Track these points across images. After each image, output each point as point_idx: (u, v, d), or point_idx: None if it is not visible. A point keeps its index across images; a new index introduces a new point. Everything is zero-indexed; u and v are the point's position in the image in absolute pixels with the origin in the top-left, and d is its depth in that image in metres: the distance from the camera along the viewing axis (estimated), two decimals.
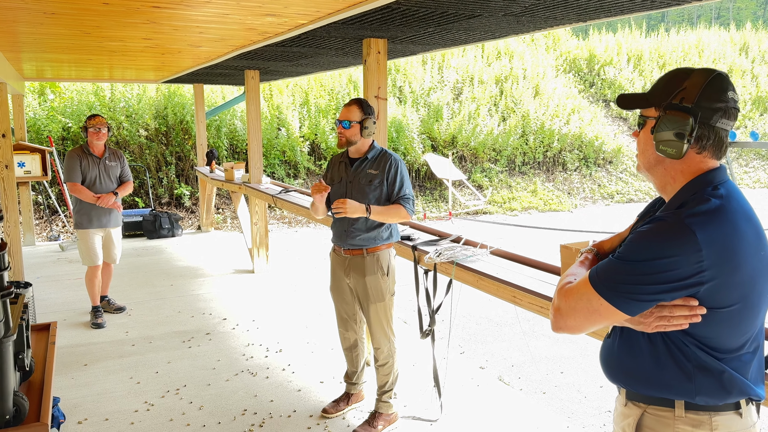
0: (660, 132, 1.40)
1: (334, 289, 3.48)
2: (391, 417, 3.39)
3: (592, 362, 4.62)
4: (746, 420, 1.42)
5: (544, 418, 3.59)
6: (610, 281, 1.35)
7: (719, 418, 1.39)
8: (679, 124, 1.36)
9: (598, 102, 16.90)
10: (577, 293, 1.40)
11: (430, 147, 13.23)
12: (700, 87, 1.37)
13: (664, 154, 1.41)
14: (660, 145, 1.41)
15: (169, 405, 3.69)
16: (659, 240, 1.32)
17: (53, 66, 6.53)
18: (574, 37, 20.03)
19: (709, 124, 1.37)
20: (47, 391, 1.79)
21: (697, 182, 1.41)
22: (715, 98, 1.37)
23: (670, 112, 1.38)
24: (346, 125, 3.19)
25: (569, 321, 1.41)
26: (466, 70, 15.27)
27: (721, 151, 1.42)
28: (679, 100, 1.38)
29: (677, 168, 1.43)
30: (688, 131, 1.36)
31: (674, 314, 1.35)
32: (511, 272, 2.98)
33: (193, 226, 9.98)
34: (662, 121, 1.40)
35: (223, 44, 4.56)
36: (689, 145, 1.38)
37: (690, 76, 1.40)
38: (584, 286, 1.39)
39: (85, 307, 5.48)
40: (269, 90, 12.44)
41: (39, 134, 9.71)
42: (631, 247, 1.36)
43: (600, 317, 1.37)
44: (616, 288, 1.34)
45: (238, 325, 5.14)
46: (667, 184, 1.47)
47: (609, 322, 1.40)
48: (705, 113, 1.36)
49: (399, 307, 5.55)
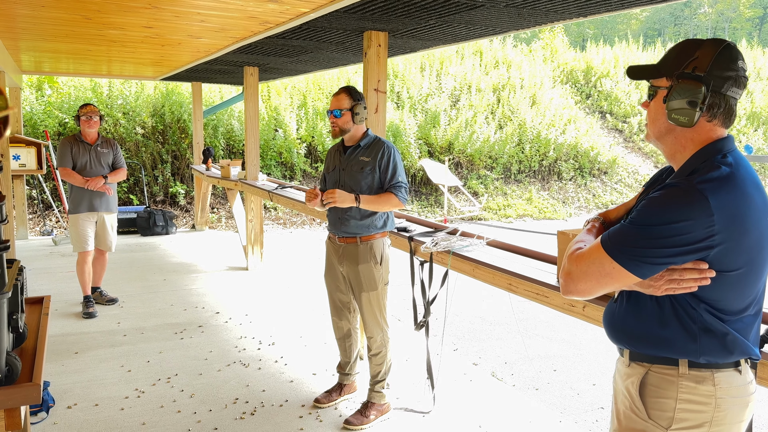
0: (672, 101, 1.44)
1: (329, 277, 3.47)
2: (383, 407, 3.37)
3: (585, 361, 4.61)
4: (744, 376, 1.48)
5: (536, 412, 3.58)
6: (623, 245, 1.38)
7: (720, 374, 1.44)
8: (692, 92, 1.40)
9: (594, 113, 17.00)
10: (589, 258, 1.44)
11: (427, 153, 13.26)
12: (711, 56, 1.41)
13: (675, 122, 1.44)
14: (672, 113, 1.44)
15: (160, 393, 3.66)
16: (672, 205, 1.35)
17: (51, 58, 6.53)
18: (572, 49, 20.18)
19: (720, 93, 1.41)
20: (40, 356, 1.77)
21: (706, 150, 1.44)
22: (726, 67, 1.41)
23: (682, 80, 1.42)
24: (338, 114, 3.20)
25: (580, 285, 1.45)
26: (464, 78, 15.34)
27: (730, 119, 1.46)
28: (691, 69, 1.42)
29: (687, 136, 1.47)
30: (701, 99, 1.40)
31: (684, 277, 1.39)
32: (507, 261, 2.98)
33: (187, 224, 9.95)
34: (675, 89, 1.43)
35: (223, 35, 4.56)
36: (701, 113, 1.41)
37: (701, 46, 1.44)
38: (596, 251, 1.43)
39: (76, 299, 5.44)
40: (267, 91, 12.46)
41: (35, 129, 9.68)
42: (644, 212, 1.39)
43: (612, 280, 1.41)
44: (628, 252, 1.38)
45: (230, 318, 5.11)
46: (676, 152, 1.50)
47: (620, 285, 1.44)
48: (717, 82, 1.40)
49: (392, 305, 5.54)
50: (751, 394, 1.50)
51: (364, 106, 3.23)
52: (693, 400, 1.44)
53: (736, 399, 1.45)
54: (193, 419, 3.32)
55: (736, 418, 1.46)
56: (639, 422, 1.50)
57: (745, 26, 39.79)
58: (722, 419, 1.44)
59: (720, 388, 1.44)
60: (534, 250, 3.08)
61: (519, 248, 3.19)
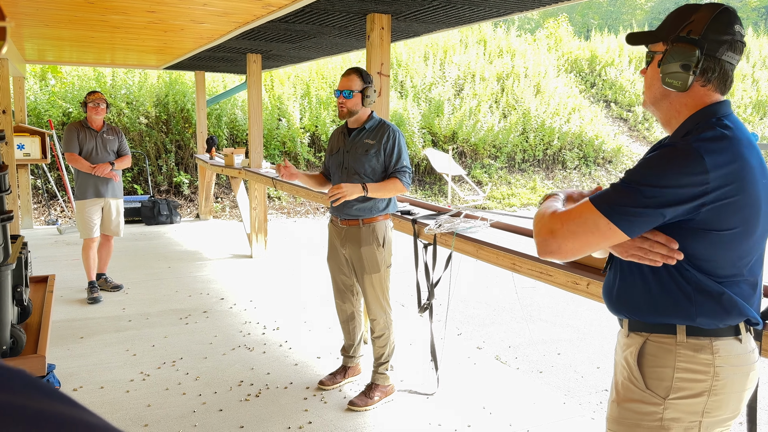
0: (666, 64, 1.43)
1: (331, 260, 3.47)
2: (387, 388, 3.38)
3: (590, 344, 4.61)
4: (745, 345, 1.45)
5: (540, 394, 3.58)
6: (617, 204, 1.36)
7: (719, 342, 1.42)
8: (686, 55, 1.39)
9: (599, 102, 16.91)
10: (578, 217, 1.38)
11: (431, 142, 13.23)
12: (707, 20, 1.40)
13: (670, 86, 1.43)
14: (666, 77, 1.43)
15: (165, 376, 3.68)
16: (668, 162, 1.34)
17: (54, 46, 6.52)
18: (577, 38, 20.06)
19: (715, 57, 1.40)
20: (44, 330, 1.78)
21: (701, 113, 1.43)
22: (722, 31, 1.39)
23: (677, 44, 1.41)
24: (348, 95, 3.16)
25: (567, 244, 1.39)
26: (468, 67, 15.27)
27: (725, 85, 1.44)
28: (686, 32, 1.41)
29: (682, 101, 1.46)
30: (694, 62, 1.39)
31: (653, 249, 1.39)
32: (510, 242, 2.97)
33: (191, 214, 9.96)
34: (669, 53, 1.42)
35: (226, 20, 4.55)
36: (694, 77, 1.40)
37: (698, 10, 1.42)
38: (587, 209, 1.38)
39: (81, 285, 5.46)
40: (270, 80, 12.43)
41: (39, 118, 9.69)
42: (639, 171, 1.37)
43: (601, 240, 1.38)
44: (621, 210, 1.35)
45: (235, 304, 5.13)
46: (671, 118, 1.49)
47: (606, 245, 1.42)
48: (711, 45, 1.39)
49: (396, 290, 5.55)
50: (753, 363, 1.47)
51: (374, 89, 3.21)
52: (691, 369, 1.42)
53: (736, 368, 1.43)
54: (198, 401, 3.34)
55: (736, 387, 1.44)
56: (637, 392, 1.49)
57: (752, 15, 39.52)
58: (721, 388, 1.42)
59: (719, 356, 1.41)
60: None
61: (522, 229, 3.18)
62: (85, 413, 0.30)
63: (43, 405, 0.28)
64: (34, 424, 0.26)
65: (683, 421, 1.44)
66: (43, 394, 0.30)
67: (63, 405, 0.29)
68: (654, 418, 1.46)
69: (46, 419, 0.27)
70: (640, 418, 1.48)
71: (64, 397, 0.30)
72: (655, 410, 1.46)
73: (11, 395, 0.28)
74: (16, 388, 0.29)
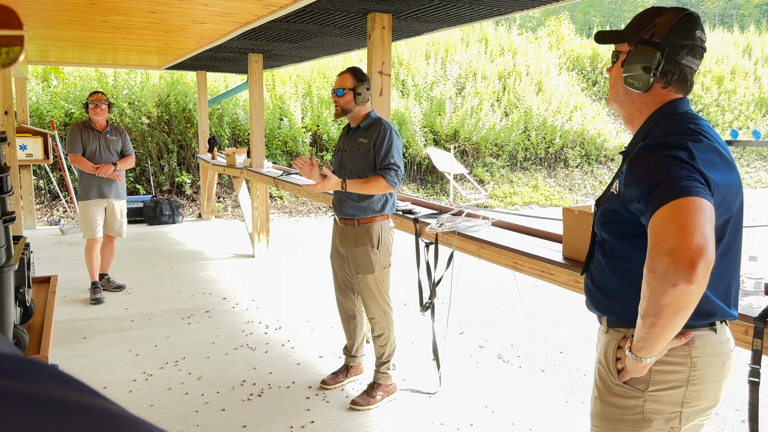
0: (629, 65, 1.46)
1: (334, 257, 3.48)
2: (389, 388, 3.38)
3: (592, 343, 4.60)
4: (720, 335, 1.48)
5: (543, 393, 3.58)
6: (689, 182, 1.27)
7: (695, 333, 1.45)
8: (647, 57, 1.43)
9: (601, 100, 16.89)
10: (681, 214, 1.24)
11: (432, 141, 13.22)
12: (670, 24, 1.43)
13: (631, 87, 1.47)
14: (628, 78, 1.47)
15: (168, 375, 3.69)
16: (663, 154, 1.35)
17: (56, 47, 6.53)
18: (578, 36, 20.02)
19: (675, 60, 1.44)
20: (47, 330, 1.78)
21: (661, 110, 1.47)
22: (683, 35, 1.43)
23: (640, 46, 1.45)
24: (340, 93, 3.19)
25: (709, 245, 1.22)
26: (469, 65, 15.26)
27: (686, 87, 1.48)
28: (649, 35, 1.45)
29: (643, 101, 1.50)
30: (655, 65, 1.42)
31: None
32: (512, 240, 2.97)
33: (193, 214, 9.98)
34: (632, 54, 1.46)
35: (227, 20, 4.55)
36: (654, 79, 1.44)
37: (663, 14, 1.46)
38: (686, 204, 1.24)
39: (84, 286, 5.47)
40: (272, 80, 12.44)
41: (41, 119, 9.71)
42: (648, 168, 1.35)
43: (711, 218, 1.27)
44: (695, 183, 1.28)
45: (237, 304, 5.14)
46: (634, 117, 1.53)
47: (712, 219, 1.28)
48: (672, 49, 1.43)
49: (399, 290, 5.55)
50: (729, 352, 1.50)
51: (367, 87, 3.21)
52: (668, 360, 1.44)
53: (712, 357, 1.45)
54: (201, 401, 3.35)
55: (714, 377, 1.46)
56: (616, 388, 1.51)
57: (754, 12, 39.40)
58: (699, 378, 1.44)
59: (695, 347, 1.44)
60: (539, 229, 3.07)
61: (524, 227, 3.18)
62: (106, 402, 0.31)
63: (66, 394, 0.29)
64: (57, 413, 0.27)
65: (664, 412, 1.46)
66: (64, 384, 0.30)
67: (84, 394, 0.30)
68: (635, 411, 1.48)
69: (69, 407, 0.28)
70: (623, 412, 1.50)
71: (84, 386, 0.31)
72: (635, 403, 1.48)
73: (36, 386, 0.29)
74: (40, 379, 0.30)
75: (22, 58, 0.55)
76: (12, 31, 0.56)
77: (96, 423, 0.28)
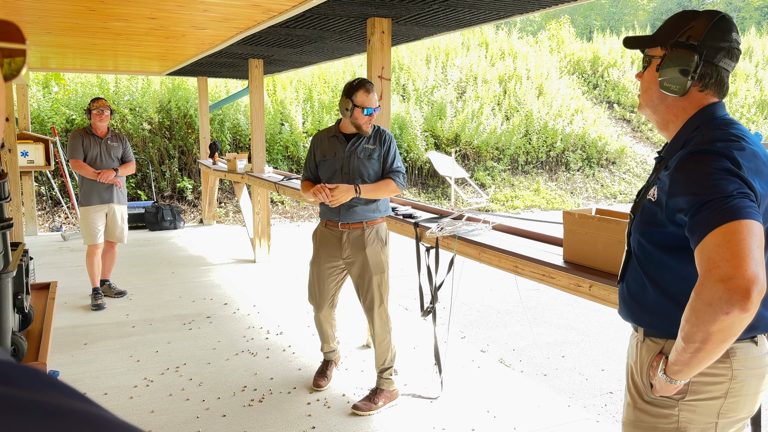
0: (665, 69, 1.43)
1: (315, 265, 3.51)
2: (391, 393, 3.37)
3: (594, 347, 4.59)
4: (761, 348, 1.46)
5: (545, 397, 3.57)
6: (738, 207, 1.25)
7: (736, 346, 1.41)
8: (685, 60, 1.40)
9: (602, 103, 16.89)
10: (734, 239, 1.21)
11: (433, 145, 13.23)
12: (706, 26, 1.41)
13: (667, 91, 1.44)
14: (664, 82, 1.44)
15: (169, 381, 3.68)
16: (710, 163, 1.31)
17: (57, 54, 6.55)
18: (579, 39, 20.05)
19: (712, 63, 1.41)
20: (45, 337, 1.78)
21: (699, 115, 1.44)
22: (720, 38, 1.41)
23: (676, 49, 1.42)
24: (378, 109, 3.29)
25: (759, 274, 1.21)
26: (470, 69, 15.27)
27: (722, 90, 1.46)
28: (685, 38, 1.42)
29: (680, 106, 1.46)
30: (693, 68, 1.40)
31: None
32: (513, 244, 2.96)
33: (195, 219, 9.98)
34: (668, 58, 1.43)
35: (227, 26, 4.56)
36: (692, 82, 1.41)
37: (697, 17, 1.44)
38: (738, 229, 1.22)
39: (85, 292, 5.46)
40: (273, 85, 12.46)
41: (43, 126, 9.73)
42: (700, 181, 1.31)
43: (761, 240, 1.26)
44: (744, 204, 1.26)
45: (238, 309, 5.13)
46: (669, 122, 1.50)
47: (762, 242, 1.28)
48: (710, 51, 1.40)
49: (399, 294, 5.54)
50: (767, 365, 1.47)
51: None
52: (708, 372, 1.40)
53: (752, 371, 1.43)
54: (202, 407, 3.34)
55: (752, 389, 1.44)
56: (652, 396, 1.49)
57: (754, 15, 39.44)
58: (738, 390, 1.42)
59: (736, 360, 1.41)
60: (539, 233, 3.07)
61: (525, 231, 3.18)
62: (100, 410, 0.31)
63: (60, 401, 0.29)
64: (51, 420, 0.27)
65: (700, 423, 1.43)
66: (59, 391, 0.31)
67: (78, 402, 0.30)
68: (670, 420, 1.46)
69: (63, 415, 0.28)
70: (656, 421, 1.48)
71: (78, 394, 0.31)
72: (670, 413, 1.45)
73: (30, 393, 0.29)
74: (34, 386, 0.30)
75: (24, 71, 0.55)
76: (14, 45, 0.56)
77: (90, 430, 0.28)
